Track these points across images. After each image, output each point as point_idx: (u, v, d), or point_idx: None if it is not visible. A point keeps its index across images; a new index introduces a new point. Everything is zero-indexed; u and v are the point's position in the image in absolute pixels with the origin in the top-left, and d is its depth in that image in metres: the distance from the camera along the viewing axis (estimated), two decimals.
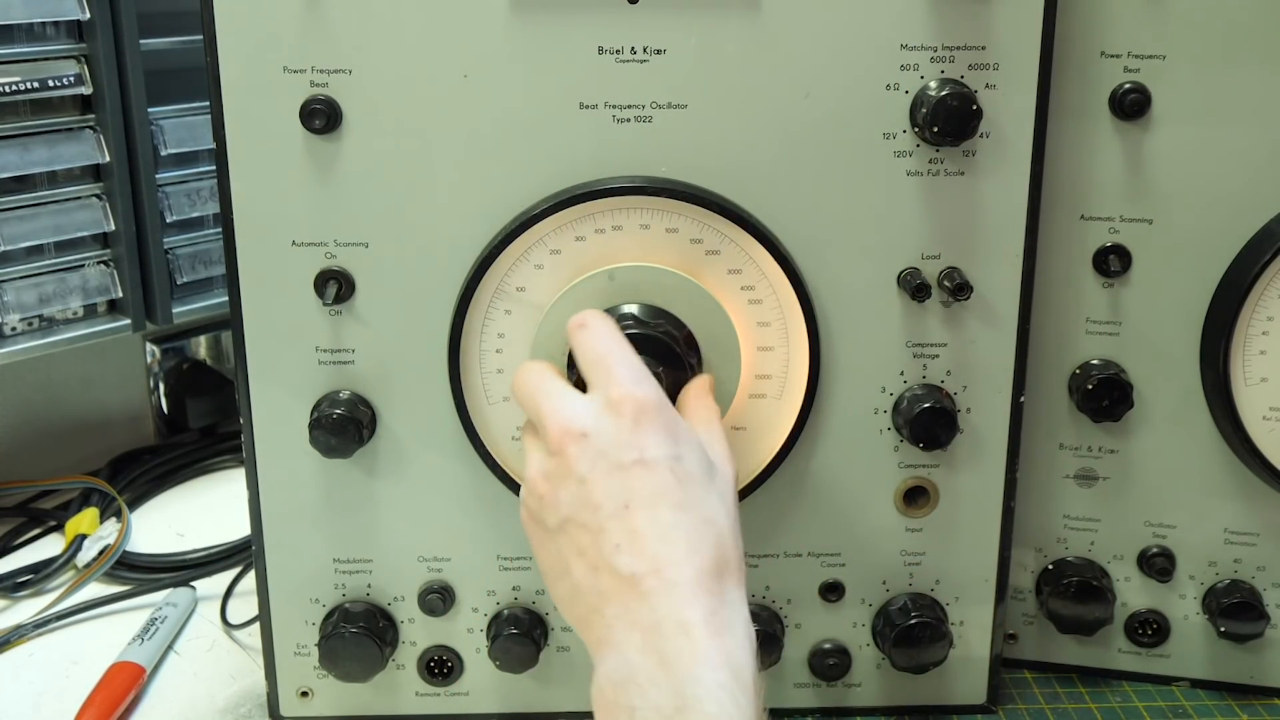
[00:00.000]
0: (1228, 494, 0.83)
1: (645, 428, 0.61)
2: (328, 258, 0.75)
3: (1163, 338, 0.81)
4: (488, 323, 0.75)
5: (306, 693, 0.82)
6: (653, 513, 0.59)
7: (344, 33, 0.71)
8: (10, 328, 1.01)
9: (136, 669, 0.86)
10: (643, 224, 0.73)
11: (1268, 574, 0.84)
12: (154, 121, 1.03)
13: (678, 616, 0.56)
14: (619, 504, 0.60)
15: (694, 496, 0.61)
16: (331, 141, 0.73)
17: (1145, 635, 0.86)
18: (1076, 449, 0.84)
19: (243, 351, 0.76)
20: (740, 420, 0.77)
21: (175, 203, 1.06)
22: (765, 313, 0.75)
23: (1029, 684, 0.87)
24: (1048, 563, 0.86)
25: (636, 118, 0.73)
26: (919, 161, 0.74)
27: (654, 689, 0.55)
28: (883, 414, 0.78)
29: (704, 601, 0.57)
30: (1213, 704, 0.85)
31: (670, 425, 0.62)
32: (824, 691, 0.84)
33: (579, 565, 0.60)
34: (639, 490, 0.60)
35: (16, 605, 0.97)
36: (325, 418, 0.75)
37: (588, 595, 0.60)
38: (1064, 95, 0.76)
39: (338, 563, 0.80)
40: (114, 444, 1.19)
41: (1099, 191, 0.79)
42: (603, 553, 0.59)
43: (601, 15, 0.71)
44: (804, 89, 0.73)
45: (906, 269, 0.76)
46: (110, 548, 1.01)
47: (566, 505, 0.61)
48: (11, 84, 0.95)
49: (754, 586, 0.81)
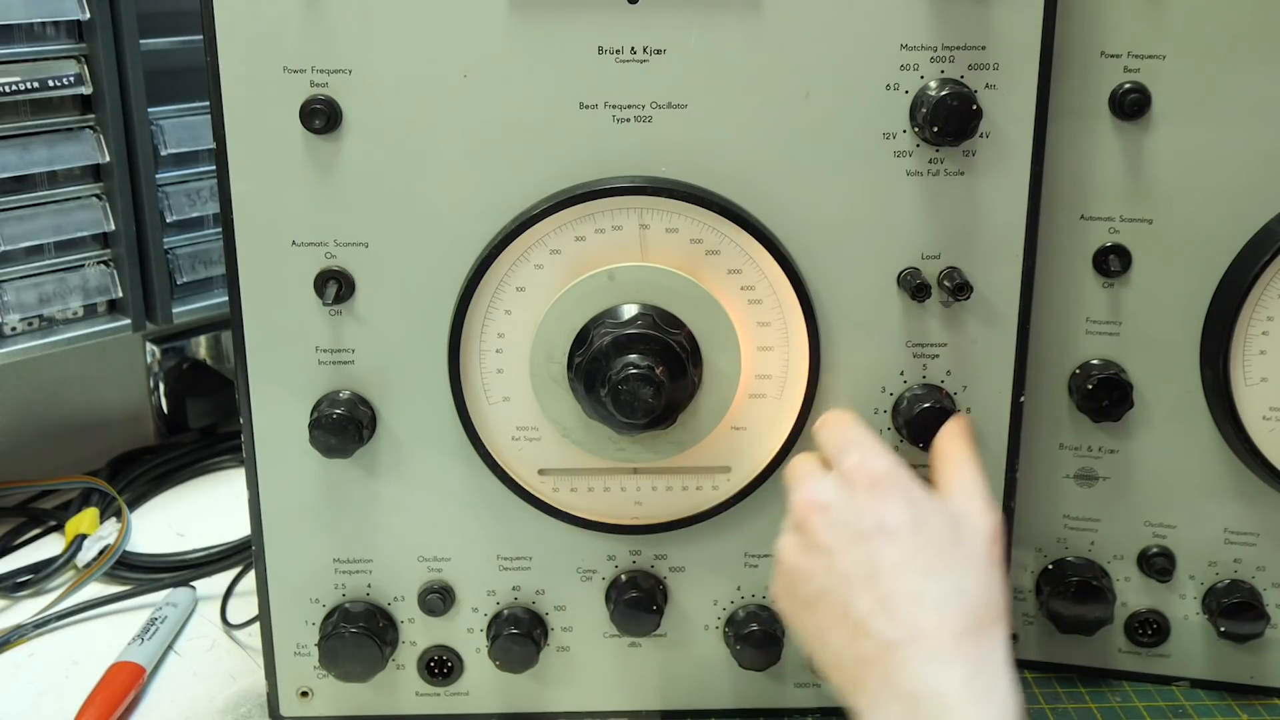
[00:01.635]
0: (1228, 494, 0.83)
1: (882, 496, 0.64)
2: (328, 258, 0.75)
3: (1163, 338, 0.81)
4: (488, 323, 0.75)
5: (306, 693, 0.82)
6: (899, 579, 0.61)
7: (344, 33, 0.71)
8: (10, 328, 1.01)
9: (136, 669, 0.86)
10: (643, 224, 0.73)
11: (1268, 574, 0.84)
12: (154, 121, 1.03)
13: (935, 686, 0.57)
14: (867, 571, 0.62)
15: (938, 559, 0.62)
16: (331, 141, 0.73)
17: (1145, 635, 0.86)
18: (1076, 449, 0.84)
19: (243, 351, 0.76)
20: (740, 420, 0.77)
21: (175, 203, 1.06)
22: (765, 313, 0.75)
23: (1029, 684, 0.87)
24: (1048, 563, 0.86)
25: (636, 118, 0.73)
26: (919, 161, 0.74)
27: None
28: (883, 414, 0.78)
29: (959, 669, 0.58)
30: (1213, 704, 0.85)
31: (906, 492, 0.65)
32: (824, 691, 0.84)
33: (836, 635, 0.62)
34: (885, 557, 0.62)
35: (16, 605, 0.97)
36: (325, 418, 0.75)
37: (850, 664, 0.61)
38: (1064, 95, 0.76)
39: (338, 563, 0.80)
40: (114, 444, 1.19)
41: (1099, 191, 0.79)
42: (857, 621, 0.61)
43: (601, 15, 0.71)
44: (804, 89, 0.73)
45: (906, 269, 0.76)
46: (110, 548, 1.01)
47: (819, 577, 0.64)
48: (11, 84, 0.95)
49: (754, 586, 0.81)
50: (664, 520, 0.79)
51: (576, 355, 0.72)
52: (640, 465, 0.78)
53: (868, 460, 0.66)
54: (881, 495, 0.64)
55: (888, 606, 0.60)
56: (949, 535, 0.64)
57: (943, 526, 0.64)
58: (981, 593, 0.62)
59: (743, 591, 0.82)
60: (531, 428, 0.77)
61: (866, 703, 0.59)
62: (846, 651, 0.61)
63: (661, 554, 0.81)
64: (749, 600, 0.82)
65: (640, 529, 0.79)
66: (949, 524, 0.64)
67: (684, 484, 0.79)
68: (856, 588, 0.61)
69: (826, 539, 0.64)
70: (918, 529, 0.63)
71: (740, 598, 0.82)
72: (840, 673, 0.62)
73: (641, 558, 0.81)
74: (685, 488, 0.79)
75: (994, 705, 0.58)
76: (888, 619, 0.60)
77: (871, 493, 0.64)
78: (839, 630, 0.62)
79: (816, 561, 0.64)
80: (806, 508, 0.66)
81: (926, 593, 0.60)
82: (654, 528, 0.79)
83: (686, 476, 0.78)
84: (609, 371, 0.70)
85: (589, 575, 0.81)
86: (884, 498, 0.64)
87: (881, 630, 0.60)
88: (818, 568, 0.64)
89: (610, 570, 0.81)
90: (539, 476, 0.78)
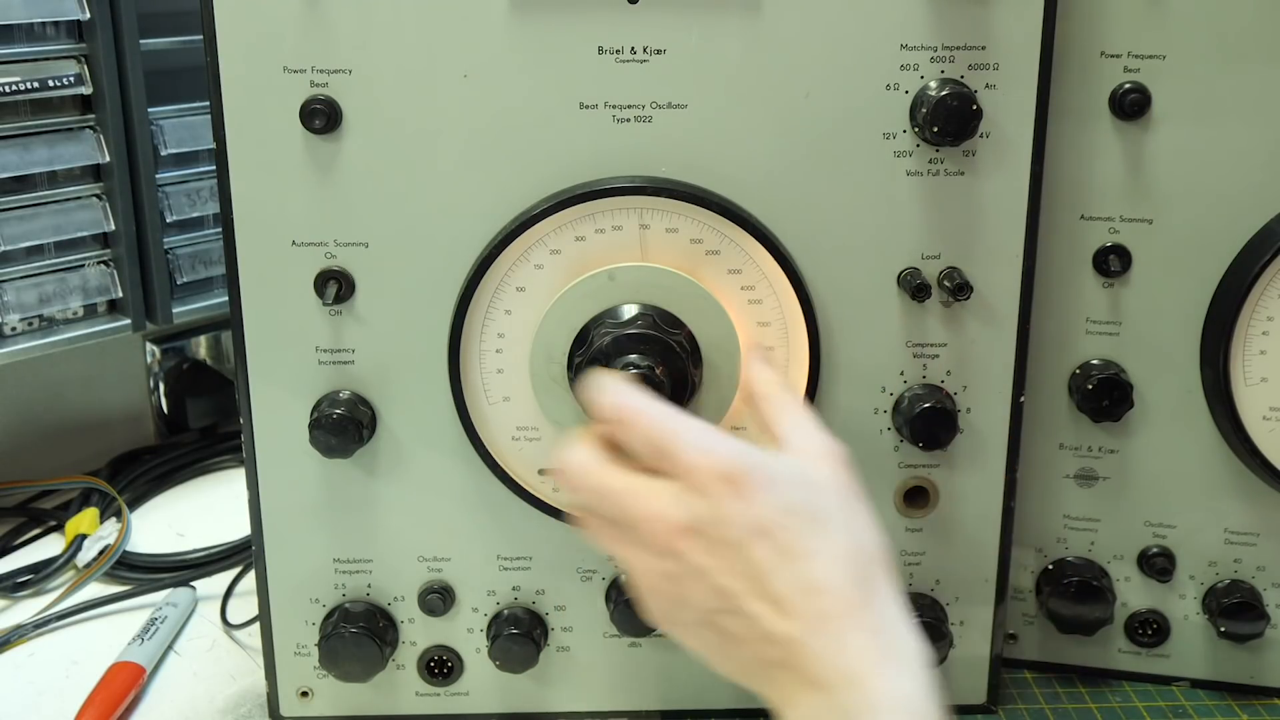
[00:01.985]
0: (1228, 494, 0.83)
1: (743, 494, 0.59)
2: (328, 258, 0.75)
3: (1163, 338, 0.81)
4: (488, 323, 0.75)
5: (306, 693, 0.82)
6: (782, 575, 0.58)
7: (344, 33, 0.71)
8: (10, 328, 1.01)
9: (136, 669, 0.86)
10: (643, 224, 0.73)
11: (1268, 574, 0.84)
12: (154, 121, 1.03)
13: (844, 669, 0.57)
14: (750, 579, 0.59)
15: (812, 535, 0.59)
16: (331, 141, 0.73)
17: (1145, 635, 0.86)
18: (1076, 449, 0.84)
19: (243, 351, 0.76)
20: (740, 420, 0.77)
21: (175, 203, 1.06)
22: (765, 313, 0.75)
23: (1029, 684, 0.87)
24: (1048, 563, 0.86)
25: (636, 118, 0.73)
26: (919, 161, 0.74)
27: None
28: (883, 414, 0.78)
29: (862, 640, 0.57)
30: (1213, 704, 0.85)
31: (762, 477, 0.60)
32: None
33: (737, 649, 0.60)
34: (762, 560, 0.59)
35: (16, 605, 0.97)
36: (325, 418, 0.75)
37: (757, 670, 0.60)
38: (1064, 95, 0.76)
39: (338, 563, 0.80)
40: (114, 444, 1.19)
41: (1099, 191, 0.79)
42: (756, 631, 0.59)
43: (601, 15, 0.71)
44: (804, 89, 0.73)
45: (906, 269, 0.76)
46: (110, 548, 1.01)
47: (701, 600, 0.60)
48: (11, 84, 0.95)
49: None
50: None
51: (577, 355, 0.72)
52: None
53: (707, 456, 0.60)
54: (740, 492, 0.59)
55: (780, 606, 0.58)
56: (812, 503, 0.60)
57: (800, 492, 0.60)
58: (857, 550, 0.60)
59: None
60: (531, 428, 0.77)
61: (782, 699, 0.59)
62: (752, 660, 0.60)
63: None
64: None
65: None
66: (807, 490, 0.61)
67: None
68: (745, 599, 0.59)
69: (700, 562, 0.59)
70: (785, 513, 0.59)
71: None
72: (750, 679, 0.61)
73: None
74: None
75: (903, 667, 0.58)
76: (783, 618, 0.58)
77: (728, 492, 0.59)
78: (738, 645, 0.60)
79: (696, 587, 0.60)
80: (669, 536, 0.60)
81: (812, 576, 0.58)
82: None
83: None
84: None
85: (589, 575, 0.81)
86: (743, 495, 0.59)
87: (781, 631, 0.58)
88: (700, 592, 0.60)
89: (610, 570, 0.81)
90: (539, 476, 0.78)
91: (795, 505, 0.60)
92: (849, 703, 0.56)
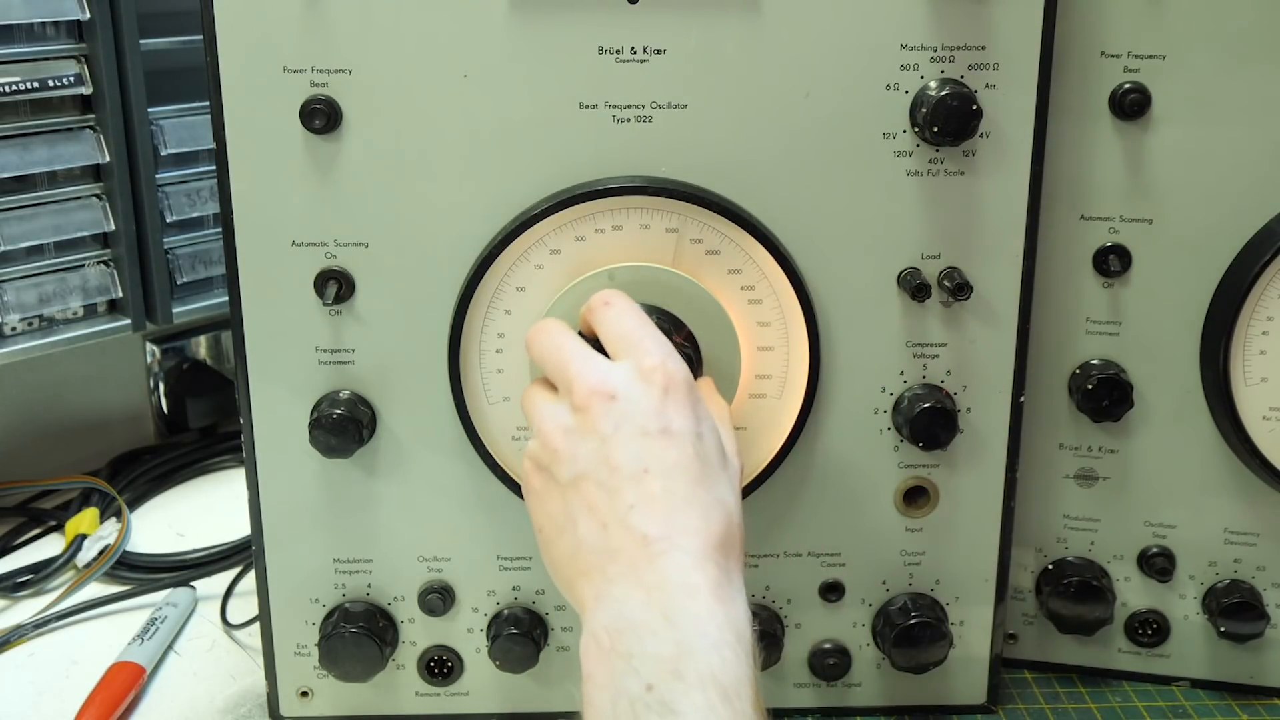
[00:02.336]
0: (1228, 494, 0.83)
1: (673, 401, 0.62)
2: (328, 258, 0.75)
3: (1163, 338, 0.81)
4: (488, 323, 0.75)
5: (306, 693, 0.82)
6: (670, 482, 0.60)
7: (344, 33, 0.71)
8: (10, 328, 1.01)
9: (136, 669, 0.86)
10: (643, 224, 0.73)
11: (1268, 574, 0.84)
12: (154, 121, 1.03)
13: (685, 580, 0.57)
14: (638, 468, 0.60)
15: (710, 474, 0.62)
16: (331, 141, 0.73)
17: (1145, 635, 0.86)
18: (1076, 449, 0.84)
19: (243, 351, 0.76)
20: (740, 420, 0.77)
21: (175, 203, 1.06)
22: (765, 313, 0.75)
23: (1029, 684, 0.87)
24: (1048, 563, 0.86)
25: (636, 118, 0.73)
26: (919, 161, 0.74)
27: (653, 638, 0.56)
28: (883, 414, 0.78)
29: (712, 572, 0.58)
30: (1213, 704, 0.85)
31: (695, 404, 0.63)
32: (824, 691, 0.84)
33: (587, 521, 0.61)
34: (659, 458, 0.60)
35: (16, 605, 0.97)
36: (325, 418, 0.75)
37: (591, 552, 0.60)
38: (1064, 95, 0.76)
39: (338, 563, 0.80)
40: (114, 444, 1.19)
41: (1099, 191, 0.79)
42: (616, 511, 0.60)
43: (601, 15, 0.71)
44: (804, 89, 0.73)
45: (906, 269, 0.76)
46: (110, 548, 1.01)
47: (584, 460, 0.62)
48: (11, 84, 0.95)
49: (754, 586, 0.81)
50: None
51: None
52: None
53: (669, 362, 0.63)
54: (674, 400, 0.62)
55: (654, 504, 0.59)
56: (719, 453, 0.63)
57: (715, 444, 0.63)
58: (737, 514, 0.62)
59: None
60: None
61: (600, 590, 0.59)
62: (590, 539, 0.60)
63: None
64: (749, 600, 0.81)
65: None
66: (719, 443, 0.64)
67: None
68: (624, 480, 0.60)
69: (606, 428, 0.61)
70: (699, 439, 0.62)
71: None
72: (577, 560, 0.61)
73: None
74: None
75: (738, 610, 0.58)
76: (651, 516, 0.59)
77: (665, 395, 0.62)
78: (590, 518, 0.61)
79: (588, 445, 0.62)
80: (591, 393, 0.62)
81: (695, 499, 0.60)
82: None
83: None
84: None
85: None
86: (676, 403, 0.62)
87: (641, 525, 0.59)
88: (587, 453, 0.61)
89: None
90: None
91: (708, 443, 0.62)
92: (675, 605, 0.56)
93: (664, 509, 0.59)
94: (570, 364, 0.65)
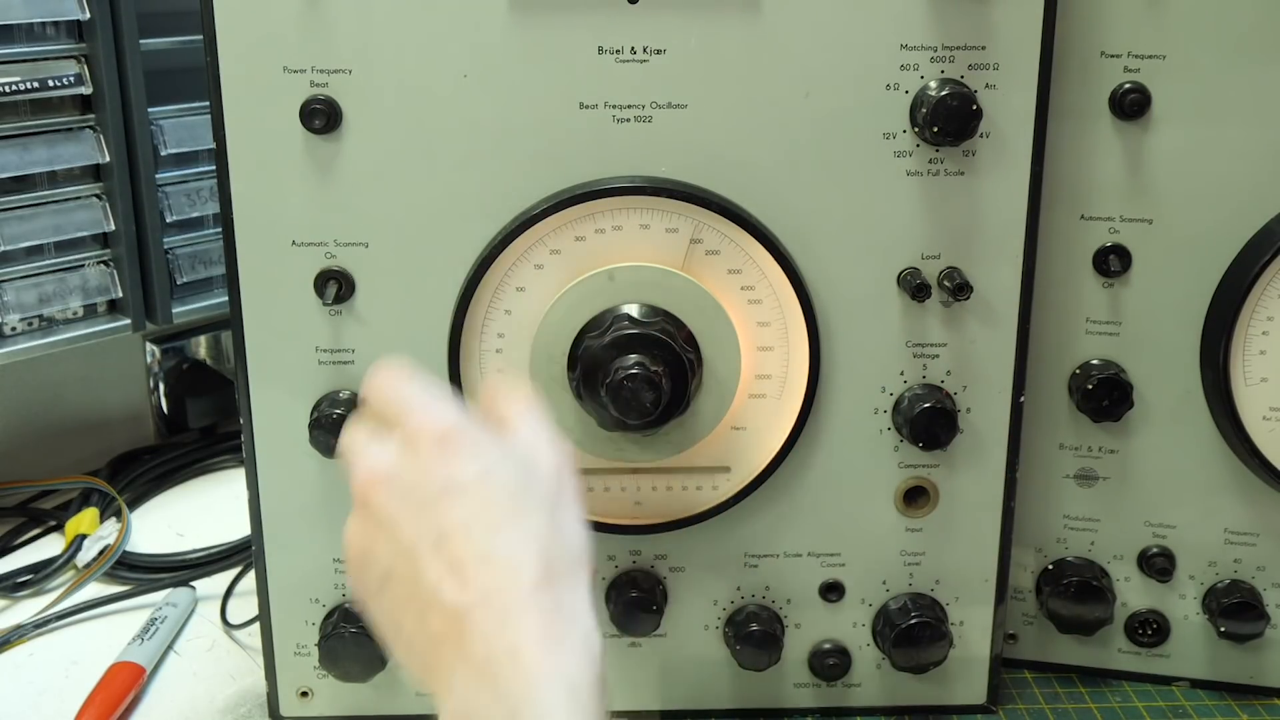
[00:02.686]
0: (1228, 494, 0.83)
1: (449, 451, 0.57)
2: (328, 258, 0.75)
3: (1163, 338, 0.81)
4: (488, 323, 0.75)
5: (306, 693, 0.82)
6: (468, 540, 0.55)
7: (344, 33, 0.71)
8: (10, 328, 1.01)
9: (136, 669, 0.86)
10: (643, 224, 0.73)
11: (1268, 574, 0.84)
12: (154, 121, 1.03)
13: (508, 643, 0.53)
14: (432, 540, 0.56)
15: (516, 506, 0.57)
16: (331, 141, 0.73)
17: (1145, 635, 0.86)
18: (1076, 449, 0.84)
19: (243, 351, 0.76)
20: (740, 420, 0.77)
21: (175, 203, 1.06)
22: (765, 313, 0.75)
23: (1029, 684, 0.87)
24: (1048, 563, 0.86)
25: (636, 118, 0.73)
26: (919, 161, 0.74)
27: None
28: (883, 414, 0.78)
29: (534, 619, 0.54)
30: (1213, 704, 0.85)
31: (473, 444, 0.58)
32: (824, 691, 0.84)
33: (407, 616, 0.56)
34: (450, 520, 0.56)
35: (16, 605, 0.97)
36: (325, 418, 0.75)
37: (422, 647, 0.56)
38: (1064, 95, 0.76)
39: (338, 563, 0.80)
40: (114, 444, 1.19)
41: (1099, 191, 0.79)
42: (425, 595, 0.55)
43: (601, 15, 0.71)
44: (804, 89, 0.73)
45: (906, 269, 0.76)
46: (110, 548, 1.01)
47: (385, 557, 0.57)
48: (11, 84, 0.95)
49: (754, 586, 0.81)
50: (664, 520, 0.79)
51: (577, 355, 0.72)
52: (640, 465, 0.78)
53: (430, 418, 0.58)
54: (447, 452, 0.57)
55: (457, 572, 0.54)
56: (519, 481, 0.58)
57: (511, 473, 0.58)
58: (555, 538, 0.57)
59: (743, 591, 0.82)
60: None
61: (443, 685, 0.54)
62: (419, 633, 0.55)
63: (661, 554, 0.81)
64: (749, 600, 0.82)
65: (640, 529, 0.79)
66: (518, 469, 0.58)
67: (684, 484, 0.79)
68: (424, 559, 0.55)
69: (390, 512, 0.57)
70: (485, 480, 0.57)
71: (740, 598, 0.82)
72: (416, 659, 0.56)
73: (641, 557, 0.81)
74: (685, 488, 0.79)
75: (571, 650, 0.53)
76: (457, 585, 0.54)
77: (436, 451, 0.57)
78: (409, 610, 0.56)
79: (381, 539, 0.57)
80: (366, 483, 0.58)
81: (495, 549, 0.55)
82: (654, 528, 0.79)
83: (686, 476, 0.78)
84: (609, 372, 0.70)
85: None
86: (449, 454, 0.57)
87: (450, 599, 0.54)
88: (382, 546, 0.57)
89: (610, 570, 0.81)
90: None
91: (499, 478, 0.57)
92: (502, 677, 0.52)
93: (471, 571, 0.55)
94: (349, 466, 0.61)
